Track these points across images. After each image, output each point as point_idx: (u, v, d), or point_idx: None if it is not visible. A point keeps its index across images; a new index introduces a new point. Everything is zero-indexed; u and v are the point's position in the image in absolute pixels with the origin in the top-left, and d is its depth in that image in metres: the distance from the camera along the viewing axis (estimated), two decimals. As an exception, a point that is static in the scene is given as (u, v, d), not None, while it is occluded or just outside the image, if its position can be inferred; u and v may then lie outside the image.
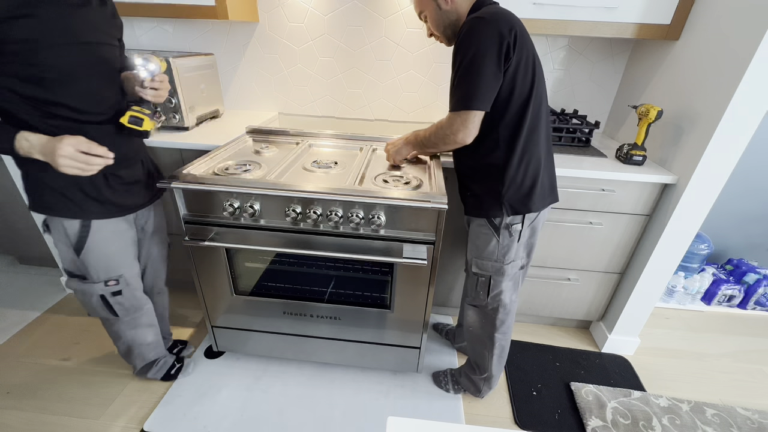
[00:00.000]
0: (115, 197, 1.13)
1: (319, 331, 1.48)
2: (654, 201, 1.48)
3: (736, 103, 1.23)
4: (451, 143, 1.13)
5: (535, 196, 1.14)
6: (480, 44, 0.99)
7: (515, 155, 1.09)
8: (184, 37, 1.92)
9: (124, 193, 1.16)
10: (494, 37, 0.98)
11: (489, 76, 1.00)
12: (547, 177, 1.17)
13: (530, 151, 1.10)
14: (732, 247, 2.31)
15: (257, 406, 1.45)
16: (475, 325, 1.38)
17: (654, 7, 1.42)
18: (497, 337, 1.33)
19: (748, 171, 2.01)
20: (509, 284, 1.26)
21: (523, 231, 1.18)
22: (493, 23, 0.99)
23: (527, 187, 1.13)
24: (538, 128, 1.10)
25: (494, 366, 1.39)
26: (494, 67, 0.99)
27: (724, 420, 1.48)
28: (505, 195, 1.13)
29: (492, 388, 1.48)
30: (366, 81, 1.94)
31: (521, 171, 1.11)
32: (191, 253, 1.33)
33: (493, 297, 1.27)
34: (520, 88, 1.04)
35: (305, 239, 1.25)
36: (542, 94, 1.10)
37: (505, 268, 1.23)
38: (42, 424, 1.37)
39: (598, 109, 1.92)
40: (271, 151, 1.50)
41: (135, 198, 1.21)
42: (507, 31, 0.98)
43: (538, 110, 1.09)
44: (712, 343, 1.92)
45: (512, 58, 1.00)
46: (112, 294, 1.22)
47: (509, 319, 1.32)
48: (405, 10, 1.77)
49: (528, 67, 1.04)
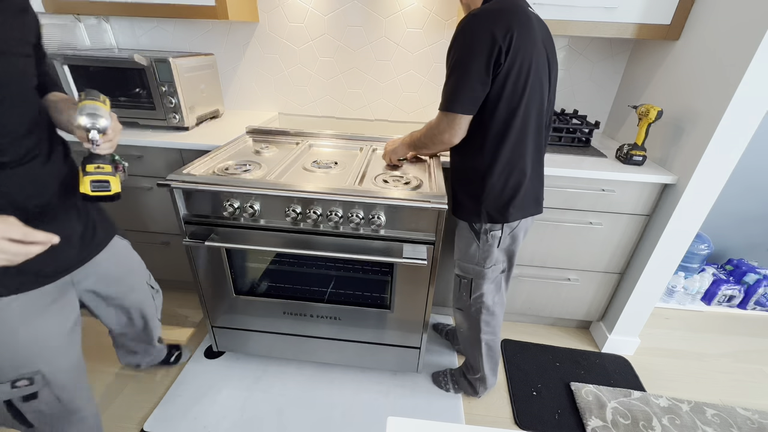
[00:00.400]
0: (27, 262, 0.71)
1: (319, 331, 1.48)
2: (654, 201, 1.48)
3: (736, 103, 1.23)
4: (439, 143, 1.13)
5: (513, 207, 1.13)
6: (470, 46, 0.96)
7: (498, 163, 1.08)
8: (184, 37, 1.92)
9: (43, 255, 0.73)
10: (486, 40, 0.93)
11: (475, 81, 0.98)
12: (531, 189, 1.15)
13: (514, 161, 1.08)
14: (732, 247, 2.31)
15: (257, 406, 1.45)
16: (463, 327, 1.40)
17: (654, 7, 1.42)
18: (483, 338, 1.35)
19: (748, 171, 2.01)
20: (491, 287, 1.28)
21: (502, 238, 1.18)
22: (489, 24, 0.94)
23: (507, 197, 1.12)
24: (525, 139, 1.07)
25: (485, 366, 1.41)
26: (481, 72, 0.96)
27: (724, 420, 1.48)
28: (484, 202, 1.13)
29: (488, 387, 1.49)
30: (366, 81, 1.94)
31: (502, 180, 1.10)
32: (191, 253, 1.33)
33: (475, 299, 1.29)
34: (509, 96, 1.00)
35: (305, 239, 1.25)
36: (534, 103, 1.04)
37: (485, 272, 1.24)
38: (42, 424, 1.37)
39: (598, 109, 1.92)
40: (271, 151, 1.50)
41: (62, 258, 0.88)
42: (502, 34, 0.93)
43: (527, 120, 1.04)
44: (712, 343, 1.92)
45: (503, 64, 0.95)
46: (22, 399, 0.87)
47: (494, 320, 1.34)
48: (405, 10, 1.77)
49: (521, 75, 0.98)
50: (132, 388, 1.51)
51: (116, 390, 1.50)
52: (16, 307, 0.82)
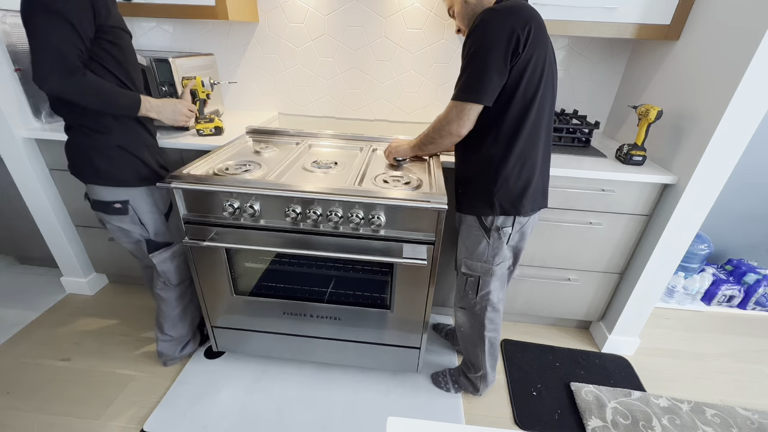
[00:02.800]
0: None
1: (318, 331, 1.48)
2: (654, 201, 1.48)
3: (736, 103, 1.23)
4: (446, 135, 1.12)
5: (525, 199, 1.13)
6: (488, 37, 0.96)
7: (513, 154, 1.08)
8: (184, 37, 1.92)
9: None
10: (504, 31, 0.95)
11: (492, 70, 0.98)
12: (540, 182, 1.16)
13: (527, 152, 1.09)
14: (732, 247, 2.31)
15: (257, 406, 1.45)
16: (466, 326, 1.40)
17: (654, 8, 1.42)
18: (487, 335, 1.35)
19: (748, 171, 2.01)
20: (497, 284, 1.28)
21: (512, 234, 1.18)
22: (507, 17, 0.96)
23: (519, 189, 1.12)
24: (538, 131, 1.09)
25: (487, 363, 1.41)
26: (500, 62, 0.97)
27: (724, 420, 1.48)
28: (497, 194, 1.12)
29: (489, 385, 1.49)
30: (366, 81, 1.94)
31: (515, 171, 1.10)
32: (191, 254, 1.33)
33: (481, 296, 1.29)
34: (525, 87, 1.01)
35: (305, 239, 1.25)
36: (548, 97, 1.07)
37: (494, 269, 1.24)
38: (42, 424, 1.37)
39: (598, 109, 1.92)
40: (271, 151, 1.50)
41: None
42: (521, 26, 0.95)
43: (541, 113, 1.07)
44: (712, 343, 1.92)
45: (521, 54, 0.96)
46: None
47: (497, 317, 1.34)
48: (405, 10, 1.77)
49: (537, 68, 1.00)
50: (132, 388, 1.51)
51: (116, 390, 1.50)
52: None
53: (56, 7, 0.93)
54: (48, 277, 2.12)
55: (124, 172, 1.18)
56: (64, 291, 2.01)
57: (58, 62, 0.96)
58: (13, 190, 1.73)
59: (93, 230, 1.82)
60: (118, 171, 1.17)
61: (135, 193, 1.22)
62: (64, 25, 0.94)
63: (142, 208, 1.23)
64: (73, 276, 1.96)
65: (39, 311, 1.88)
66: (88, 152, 1.15)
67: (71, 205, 1.77)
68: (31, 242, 1.99)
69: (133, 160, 1.18)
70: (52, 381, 1.53)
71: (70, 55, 0.97)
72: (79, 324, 1.81)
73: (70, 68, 0.98)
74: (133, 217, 1.23)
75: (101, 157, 1.14)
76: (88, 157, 1.15)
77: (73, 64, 0.98)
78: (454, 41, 1.81)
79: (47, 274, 2.14)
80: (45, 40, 0.95)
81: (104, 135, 1.13)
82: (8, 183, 1.73)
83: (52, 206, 1.73)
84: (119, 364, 1.59)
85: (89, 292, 2.00)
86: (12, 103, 1.53)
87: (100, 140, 1.13)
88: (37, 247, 1.99)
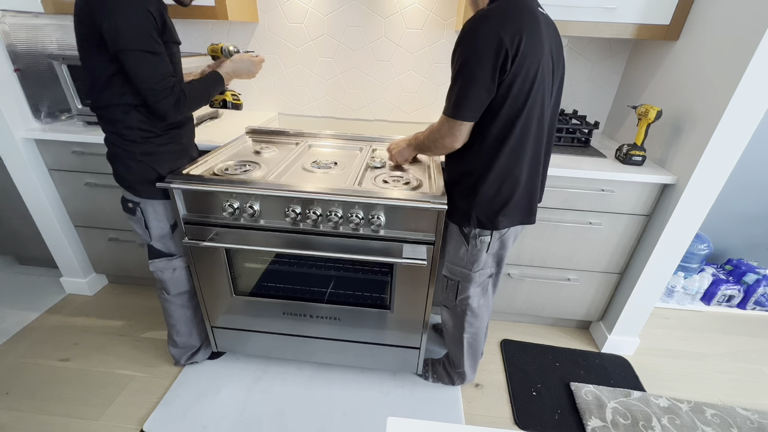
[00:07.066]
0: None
1: (318, 331, 1.48)
2: (653, 201, 1.48)
3: (736, 103, 1.23)
4: (441, 147, 1.13)
5: (503, 215, 1.12)
6: (476, 50, 0.93)
7: (493, 170, 1.07)
8: (184, 37, 1.91)
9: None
10: (493, 44, 0.91)
11: (480, 88, 0.96)
12: (526, 198, 1.13)
13: (509, 167, 1.07)
14: (732, 247, 2.31)
15: (257, 406, 1.45)
16: (449, 325, 1.42)
17: (653, 8, 1.42)
18: (466, 338, 1.37)
19: (747, 171, 2.01)
20: (477, 290, 1.29)
21: (491, 243, 1.18)
22: (497, 27, 0.91)
23: (498, 204, 1.11)
24: (524, 145, 1.05)
25: (465, 363, 1.44)
26: (487, 79, 0.94)
27: (723, 420, 1.48)
28: (475, 207, 1.12)
29: (465, 382, 1.53)
30: (366, 81, 1.94)
31: (495, 187, 1.09)
32: (191, 254, 1.33)
33: (460, 300, 1.31)
34: (512, 102, 0.98)
35: (305, 239, 1.25)
36: (535, 112, 1.02)
37: (472, 275, 1.25)
38: (41, 424, 1.37)
39: (597, 109, 1.92)
40: (271, 152, 1.50)
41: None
42: (510, 37, 0.90)
43: (528, 126, 1.02)
44: (712, 343, 1.92)
45: (508, 71, 0.93)
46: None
47: (478, 322, 1.35)
48: (405, 10, 1.77)
49: (526, 83, 0.96)
50: (132, 388, 1.51)
51: (116, 390, 1.50)
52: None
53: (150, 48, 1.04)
54: (48, 277, 2.12)
55: (138, 182, 1.19)
56: (63, 291, 2.01)
57: (165, 94, 1.05)
58: (13, 191, 1.73)
59: (92, 230, 1.82)
60: (135, 180, 1.18)
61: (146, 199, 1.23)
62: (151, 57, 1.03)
63: (150, 214, 1.24)
64: (73, 276, 1.96)
65: (39, 311, 1.88)
66: (114, 158, 1.19)
67: (71, 206, 1.77)
68: (31, 242, 1.99)
69: (149, 172, 1.17)
70: (51, 381, 1.53)
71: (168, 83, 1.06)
72: (79, 324, 1.81)
73: (175, 95, 1.07)
74: (140, 219, 1.24)
75: (120, 163, 1.17)
76: (113, 162, 1.20)
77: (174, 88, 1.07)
78: (454, 41, 1.81)
79: (47, 274, 2.14)
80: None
81: (130, 144, 1.14)
82: (8, 183, 1.73)
83: (51, 206, 1.73)
84: (119, 364, 1.59)
85: (89, 293, 2.00)
86: (12, 104, 1.53)
87: (126, 148, 1.15)
88: (36, 248, 1.99)
